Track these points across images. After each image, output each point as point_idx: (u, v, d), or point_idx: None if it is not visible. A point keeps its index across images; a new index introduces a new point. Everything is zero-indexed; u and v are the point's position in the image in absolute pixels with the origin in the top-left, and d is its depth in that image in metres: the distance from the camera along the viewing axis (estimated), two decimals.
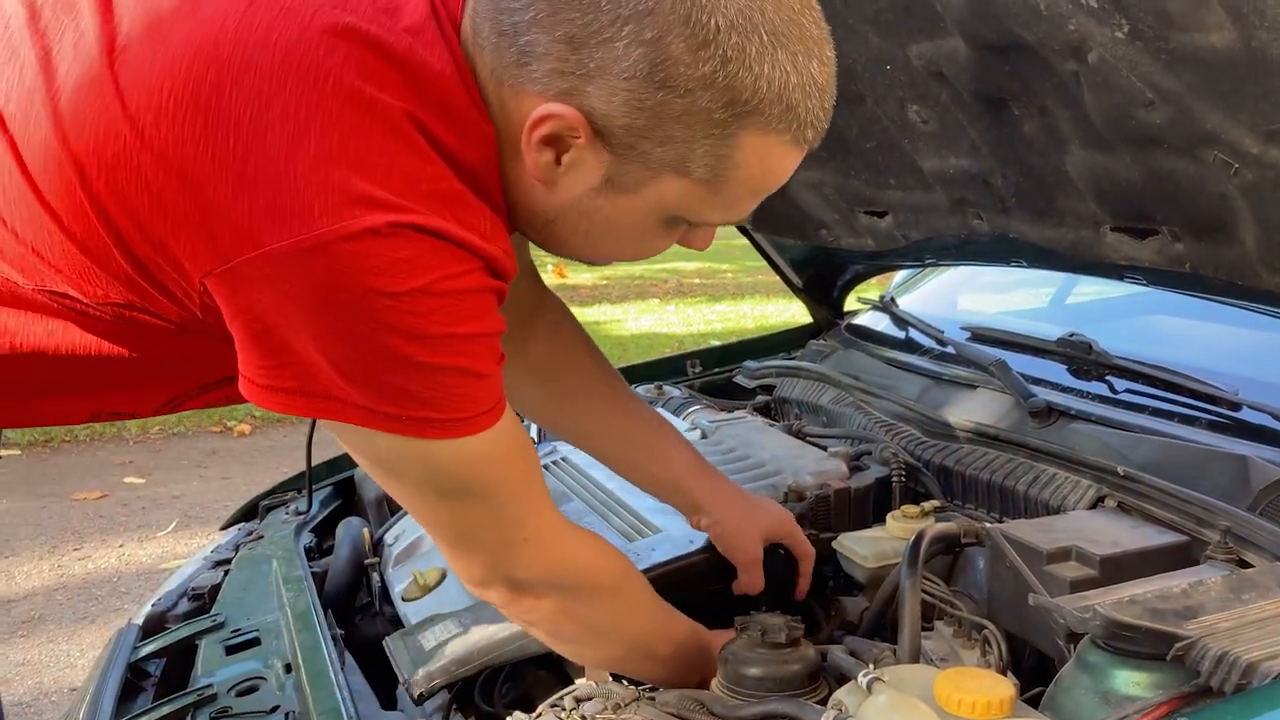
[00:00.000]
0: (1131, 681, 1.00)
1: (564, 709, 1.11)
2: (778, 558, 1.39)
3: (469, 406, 0.90)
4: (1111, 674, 1.01)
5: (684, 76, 0.82)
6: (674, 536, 1.41)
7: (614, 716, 1.09)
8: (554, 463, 1.72)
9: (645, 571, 1.34)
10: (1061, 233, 1.52)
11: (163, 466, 5.02)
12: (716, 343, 2.75)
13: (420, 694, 1.28)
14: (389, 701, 1.40)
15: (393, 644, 1.36)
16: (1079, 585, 1.14)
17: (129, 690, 1.47)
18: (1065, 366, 1.73)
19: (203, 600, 1.65)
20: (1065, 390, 1.65)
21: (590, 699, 1.13)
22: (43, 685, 3.08)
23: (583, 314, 9.50)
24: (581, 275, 10.36)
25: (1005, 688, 0.98)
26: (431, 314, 0.83)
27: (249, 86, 0.82)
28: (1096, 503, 1.37)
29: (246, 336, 0.86)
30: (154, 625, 1.61)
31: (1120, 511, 1.33)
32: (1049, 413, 1.57)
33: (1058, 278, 2.34)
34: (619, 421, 1.39)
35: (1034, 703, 1.08)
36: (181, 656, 1.52)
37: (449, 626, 1.32)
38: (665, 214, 0.94)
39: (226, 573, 1.72)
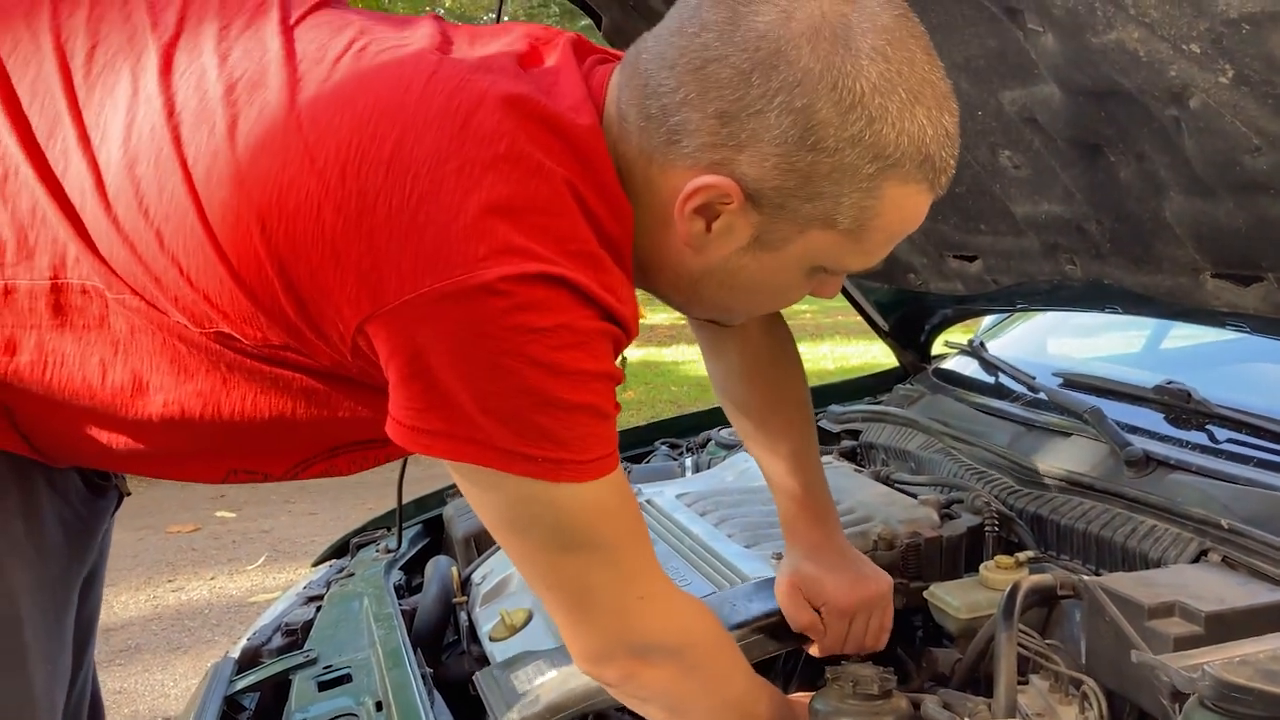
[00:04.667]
0: None
1: None
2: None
3: (596, 447, 0.94)
4: None
5: (833, 138, 0.89)
6: (768, 586, 1.39)
7: None
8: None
9: (743, 624, 1.34)
10: (1159, 279, 1.49)
11: (253, 501, 5.15)
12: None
13: None
14: None
15: (484, 681, 1.37)
16: (1183, 643, 1.10)
17: None
18: (1162, 415, 1.69)
19: (296, 635, 1.69)
20: (1163, 439, 1.61)
21: None
22: (138, 714, 3.16)
23: (660, 355, 9.53)
24: (658, 315, 10.40)
25: None
26: (570, 349, 0.89)
27: (431, 143, 0.90)
28: (1199, 556, 1.33)
29: (398, 378, 0.92)
30: (249, 659, 1.65)
31: (1225, 566, 1.29)
32: (1147, 462, 1.53)
33: (1150, 322, 2.29)
34: (769, 435, 1.38)
35: None
36: (275, 691, 1.55)
37: (541, 667, 1.32)
38: (808, 265, 1.00)
39: (319, 609, 1.76)
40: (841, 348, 9.57)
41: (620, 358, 1.00)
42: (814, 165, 0.89)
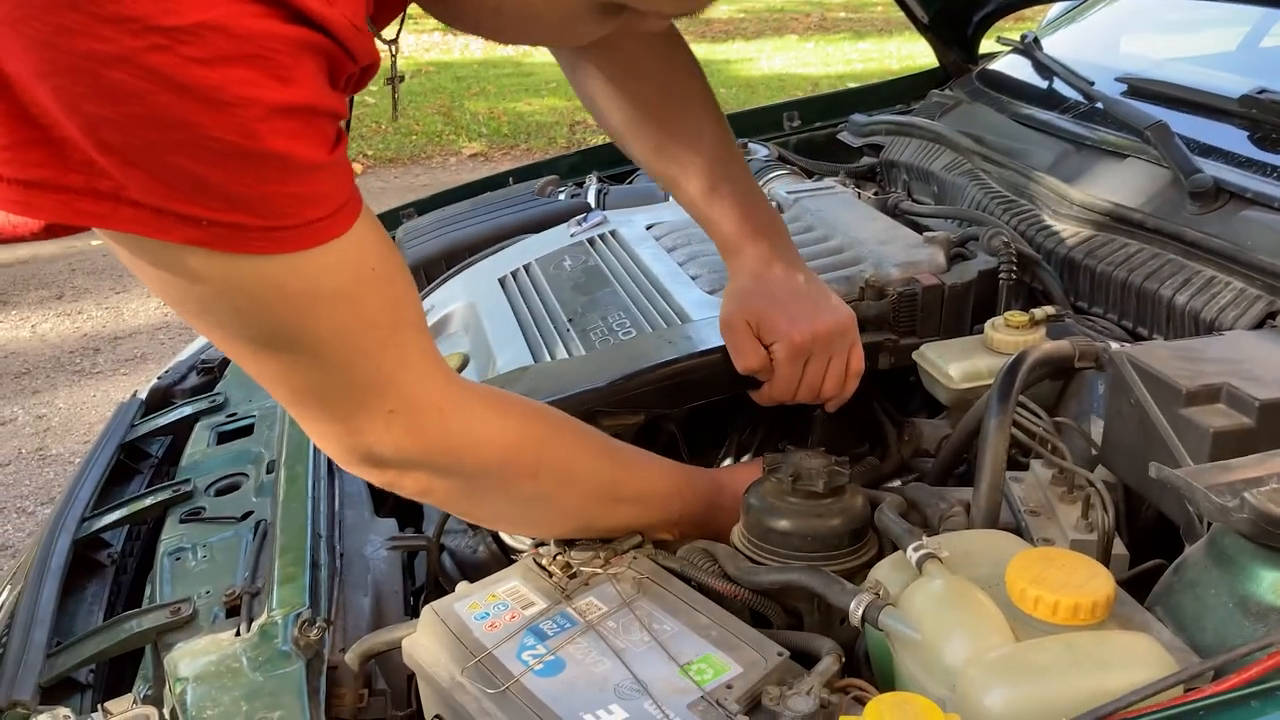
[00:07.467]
0: None
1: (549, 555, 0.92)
2: None
3: (294, 210, 0.64)
4: (1256, 574, 0.74)
5: None
6: (713, 324, 1.13)
7: (601, 570, 0.89)
8: (600, 236, 1.47)
9: (692, 358, 1.10)
10: None
11: None
12: (854, 85, 2.35)
13: None
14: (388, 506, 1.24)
15: None
16: (1225, 440, 0.85)
17: (122, 472, 1.35)
18: (1247, 134, 1.35)
19: (213, 374, 1.51)
20: (1243, 165, 1.28)
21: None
22: None
23: (714, 52, 8.91)
24: (718, 8, 9.67)
25: (1102, 586, 0.73)
26: (222, 64, 0.56)
27: None
28: (1264, 320, 1.05)
29: None
30: (158, 400, 1.48)
31: None
32: (1216, 194, 1.22)
33: (1252, 15, 1.88)
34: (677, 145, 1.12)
35: (1149, 579, 0.83)
36: (186, 436, 1.39)
37: None
38: None
39: None
40: (910, 45, 8.82)
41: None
42: None
